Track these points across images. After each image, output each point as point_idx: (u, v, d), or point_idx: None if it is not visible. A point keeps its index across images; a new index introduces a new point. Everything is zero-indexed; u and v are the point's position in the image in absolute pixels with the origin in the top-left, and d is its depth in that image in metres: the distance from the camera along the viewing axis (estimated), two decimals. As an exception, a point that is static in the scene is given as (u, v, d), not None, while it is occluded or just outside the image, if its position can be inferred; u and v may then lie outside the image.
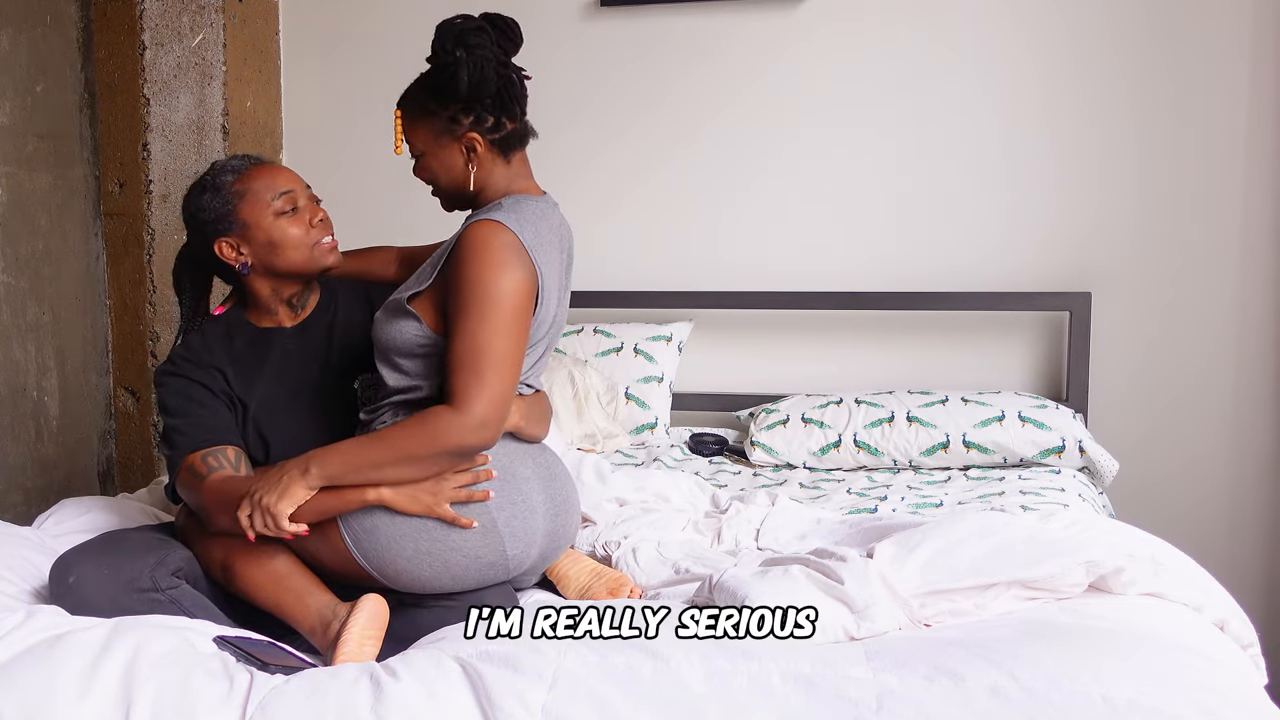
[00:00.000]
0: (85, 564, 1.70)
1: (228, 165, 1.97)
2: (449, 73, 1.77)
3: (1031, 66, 2.94)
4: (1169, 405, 2.92)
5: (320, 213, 1.98)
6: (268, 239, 1.92)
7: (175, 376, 1.94)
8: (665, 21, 3.12)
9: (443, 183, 1.88)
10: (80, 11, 3.17)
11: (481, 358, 1.69)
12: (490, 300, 1.71)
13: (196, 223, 1.96)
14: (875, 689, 1.36)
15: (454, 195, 1.90)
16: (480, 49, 1.77)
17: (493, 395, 1.69)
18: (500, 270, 1.72)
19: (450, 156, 1.84)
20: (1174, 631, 1.56)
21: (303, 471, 1.70)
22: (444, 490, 1.72)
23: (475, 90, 1.78)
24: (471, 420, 1.68)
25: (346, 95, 3.34)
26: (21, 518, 2.79)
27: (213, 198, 1.94)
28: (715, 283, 3.13)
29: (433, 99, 1.82)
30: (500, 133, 1.83)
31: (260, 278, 1.97)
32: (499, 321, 1.71)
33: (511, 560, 1.78)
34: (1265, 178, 2.83)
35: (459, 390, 1.69)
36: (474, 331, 1.70)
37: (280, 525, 1.68)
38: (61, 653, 1.43)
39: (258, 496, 1.70)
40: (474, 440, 1.70)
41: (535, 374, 1.90)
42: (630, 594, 1.86)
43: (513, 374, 1.73)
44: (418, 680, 1.39)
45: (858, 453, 2.72)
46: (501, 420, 1.73)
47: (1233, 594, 1.73)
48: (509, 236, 1.75)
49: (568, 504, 1.91)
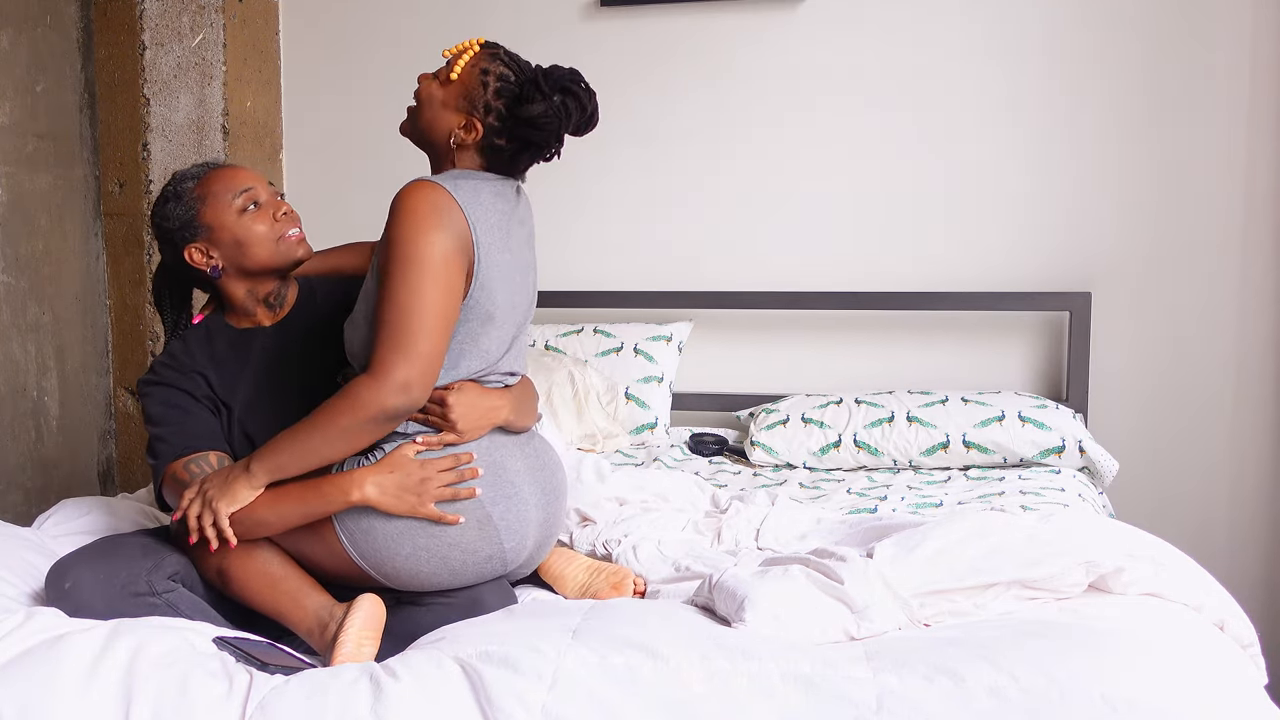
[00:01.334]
0: (81, 569, 1.70)
1: (187, 173, 1.98)
2: (531, 94, 1.77)
3: (1032, 67, 2.94)
4: (1169, 405, 2.92)
5: (284, 206, 1.98)
6: (233, 238, 1.93)
7: (158, 385, 1.94)
8: (665, 21, 3.12)
9: (423, 118, 1.85)
10: (80, 11, 3.17)
11: (399, 318, 1.67)
12: (411, 260, 1.68)
13: (164, 233, 1.97)
14: (875, 689, 1.36)
15: (420, 135, 1.87)
16: (565, 112, 1.79)
17: (410, 356, 1.67)
18: (421, 227, 1.69)
19: (451, 116, 1.81)
20: (1174, 631, 1.56)
21: (244, 469, 1.71)
22: (429, 489, 1.72)
23: (525, 124, 1.78)
24: (389, 383, 1.67)
25: (346, 95, 3.34)
26: (21, 518, 2.79)
27: (176, 205, 1.95)
28: (715, 283, 3.13)
29: (499, 81, 1.79)
30: (499, 153, 1.83)
31: (233, 279, 1.97)
32: (420, 281, 1.68)
33: (509, 553, 1.79)
34: (1265, 177, 2.83)
35: (376, 354, 1.68)
36: (393, 291, 1.68)
37: (220, 524, 1.69)
38: (61, 653, 1.43)
39: (205, 488, 1.72)
40: (396, 402, 1.68)
41: (512, 360, 1.87)
42: (634, 588, 1.86)
43: (434, 333, 1.69)
44: (417, 680, 1.39)
45: (858, 453, 2.72)
46: (427, 381, 1.70)
47: (1233, 594, 1.73)
48: (439, 195, 1.72)
49: (558, 491, 1.91)
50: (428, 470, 1.73)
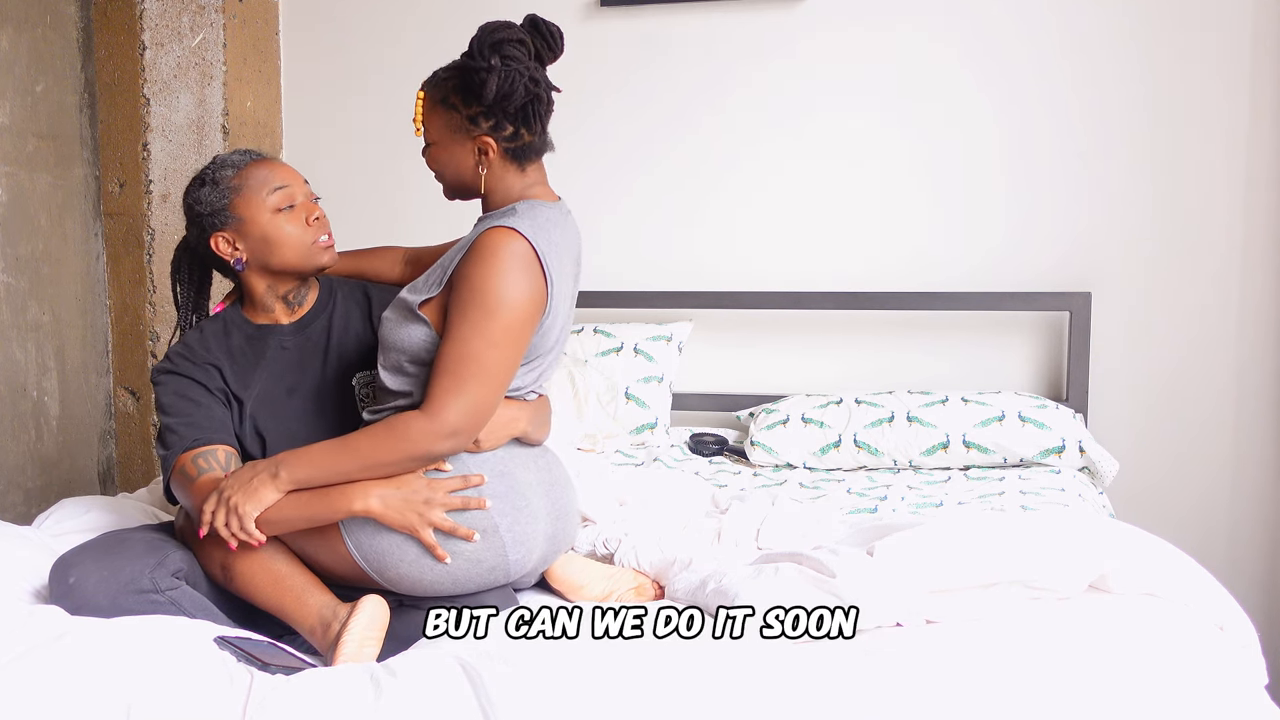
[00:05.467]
0: (85, 565, 1.70)
1: (228, 160, 1.96)
2: (479, 78, 1.75)
3: (1032, 67, 2.93)
4: (1169, 405, 2.92)
5: (317, 210, 1.97)
6: (263, 235, 1.91)
7: (172, 374, 1.93)
8: (665, 21, 3.12)
9: (448, 175, 1.87)
10: (80, 11, 3.17)
11: (467, 365, 1.68)
12: (490, 309, 1.69)
13: (194, 215, 1.96)
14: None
15: (458, 189, 1.88)
16: (515, 61, 1.75)
17: (469, 405, 1.68)
18: (507, 280, 1.70)
19: (462, 154, 1.82)
20: (1173, 631, 1.56)
21: (272, 475, 1.70)
22: (431, 510, 1.71)
23: (501, 101, 1.76)
24: (442, 428, 1.67)
25: (346, 95, 3.34)
26: (21, 518, 2.80)
27: (210, 191, 1.93)
28: (715, 283, 3.13)
29: (456, 95, 1.79)
30: (516, 143, 1.81)
31: (255, 274, 1.96)
32: (494, 332, 1.69)
33: (513, 565, 1.78)
34: (1265, 178, 2.83)
35: (435, 395, 1.68)
36: (466, 337, 1.68)
37: (246, 527, 1.68)
38: (61, 653, 1.43)
39: (226, 494, 1.70)
40: (442, 448, 1.69)
41: (542, 382, 1.89)
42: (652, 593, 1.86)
43: (497, 386, 1.71)
44: (418, 680, 1.39)
45: (858, 453, 2.72)
46: (474, 430, 1.71)
47: (1233, 594, 1.73)
48: (523, 246, 1.73)
49: (568, 508, 1.90)
50: (434, 491, 1.72)
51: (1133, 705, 1.32)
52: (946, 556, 1.66)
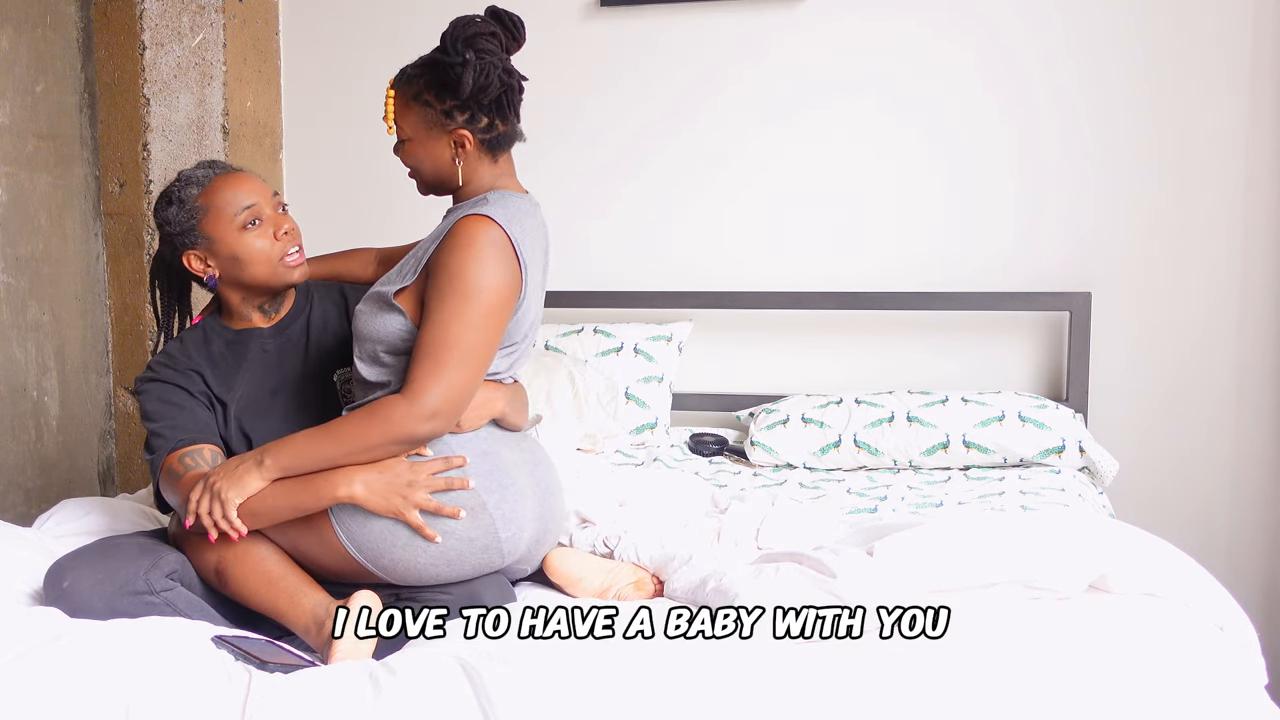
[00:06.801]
0: (79, 569, 1.71)
1: (192, 177, 1.97)
2: (454, 73, 1.78)
3: (1032, 66, 2.93)
4: (1169, 405, 2.92)
5: (286, 224, 1.97)
6: (232, 254, 1.93)
7: (154, 382, 1.95)
8: (665, 21, 3.12)
9: (425, 171, 1.89)
10: (80, 11, 3.17)
11: (447, 349, 1.71)
12: (468, 294, 1.73)
13: (164, 234, 1.98)
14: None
15: (434, 184, 1.91)
16: (488, 54, 1.79)
17: (449, 387, 1.71)
18: (484, 266, 1.74)
19: (438, 148, 1.85)
20: (1173, 631, 1.56)
21: (258, 462, 1.73)
22: (415, 493, 1.72)
23: (477, 94, 1.79)
24: (423, 410, 1.70)
25: (346, 95, 3.34)
26: (22, 518, 2.80)
27: (178, 211, 1.95)
28: (715, 283, 3.13)
29: (430, 91, 1.83)
30: (491, 134, 1.85)
31: (230, 288, 1.99)
32: (472, 316, 1.72)
33: (505, 543, 1.79)
34: (1265, 178, 2.83)
35: (415, 378, 1.71)
36: (445, 321, 1.72)
37: (228, 514, 1.70)
38: (60, 653, 1.43)
39: (212, 481, 1.73)
40: (424, 430, 1.72)
41: (515, 368, 1.92)
42: (653, 588, 1.86)
43: (476, 369, 1.74)
44: (417, 679, 1.39)
45: (858, 453, 2.72)
46: (455, 413, 1.74)
47: (1233, 594, 1.73)
48: (498, 233, 1.77)
49: (554, 486, 1.92)
50: (417, 473, 1.74)
51: (1133, 705, 1.32)
52: (947, 556, 1.66)
